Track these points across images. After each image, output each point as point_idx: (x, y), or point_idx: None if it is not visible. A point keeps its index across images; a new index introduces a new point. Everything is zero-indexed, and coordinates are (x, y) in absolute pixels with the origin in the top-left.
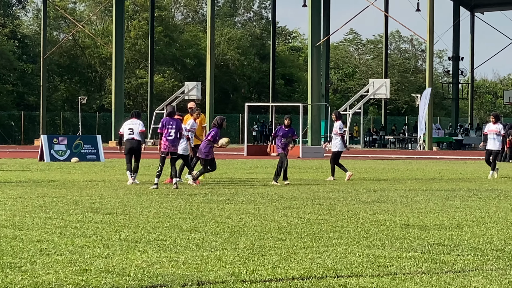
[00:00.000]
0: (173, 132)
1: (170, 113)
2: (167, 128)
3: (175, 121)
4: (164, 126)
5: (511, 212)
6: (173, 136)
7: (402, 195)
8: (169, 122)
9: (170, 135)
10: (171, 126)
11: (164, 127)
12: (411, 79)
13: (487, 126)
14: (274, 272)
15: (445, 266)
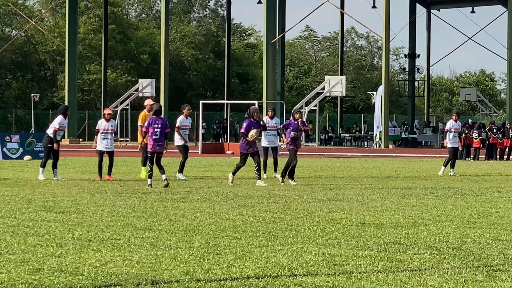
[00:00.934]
0: (158, 132)
1: (156, 112)
2: (153, 127)
3: (160, 120)
4: (150, 125)
5: (467, 210)
6: (158, 136)
7: (358, 193)
8: (155, 121)
9: (155, 134)
10: (156, 125)
11: (149, 126)
12: (367, 76)
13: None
14: (229, 271)
15: (401, 264)
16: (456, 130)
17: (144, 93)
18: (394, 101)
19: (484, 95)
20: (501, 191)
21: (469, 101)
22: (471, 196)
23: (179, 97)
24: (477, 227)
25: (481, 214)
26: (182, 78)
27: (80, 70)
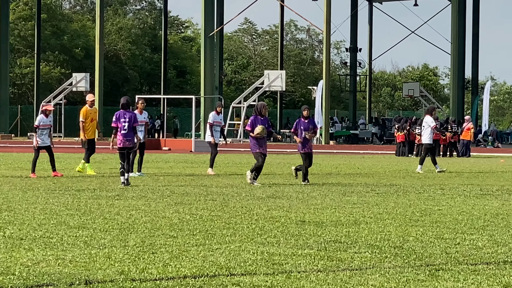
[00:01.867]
0: (126, 126)
1: (123, 105)
2: (121, 121)
3: (128, 113)
4: (117, 119)
5: (409, 208)
6: (127, 130)
7: (298, 191)
8: (122, 115)
9: (124, 129)
10: (124, 120)
11: (117, 121)
12: (308, 70)
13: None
14: (165, 271)
15: (341, 263)
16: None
17: (78, 87)
18: (335, 96)
19: (427, 90)
20: (444, 188)
21: (412, 96)
22: (413, 193)
23: (114, 92)
24: (420, 225)
25: (423, 212)
26: (118, 72)
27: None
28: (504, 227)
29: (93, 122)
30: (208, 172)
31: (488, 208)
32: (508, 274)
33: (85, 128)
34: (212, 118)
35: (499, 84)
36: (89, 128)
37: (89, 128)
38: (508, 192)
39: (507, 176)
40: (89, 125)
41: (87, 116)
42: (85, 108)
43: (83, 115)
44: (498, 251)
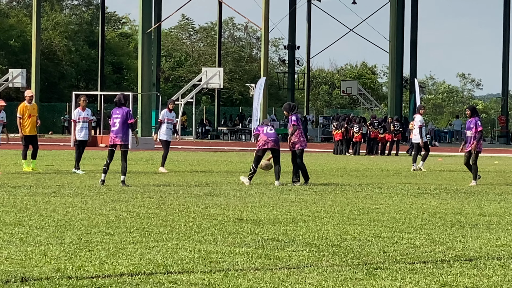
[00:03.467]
0: (117, 122)
1: (115, 102)
2: (112, 118)
3: (121, 110)
4: (110, 116)
5: (347, 207)
6: (117, 127)
7: (235, 189)
8: (115, 112)
9: (114, 125)
10: (116, 116)
11: (110, 117)
12: (246, 68)
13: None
14: (101, 268)
15: (279, 262)
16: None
17: (14, 83)
18: (273, 94)
19: (365, 88)
20: (382, 187)
21: (350, 94)
22: (351, 192)
23: (51, 88)
24: (357, 223)
25: (361, 210)
26: (54, 68)
27: None
28: (441, 226)
29: (31, 118)
30: (160, 171)
31: (426, 207)
32: (445, 273)
33: (23, 124)
34: (163, 115)
35: (438, 83)
36: (28, 125)
37: (28, 125)
38: (445, 191)
39: (444, 175)
40: (27, 122)
41: (24, 112)
42: (23, 104)
43: (20, 111)
44: (435, 250)
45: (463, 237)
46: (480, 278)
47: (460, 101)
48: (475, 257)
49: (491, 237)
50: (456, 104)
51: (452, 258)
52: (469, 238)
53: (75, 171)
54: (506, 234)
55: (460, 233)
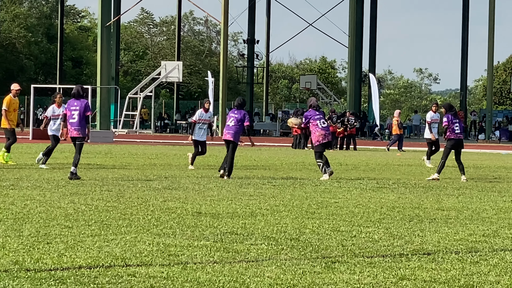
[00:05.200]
0: (76, 115)
1: (73, 94)
2: (70, 110)
3: (79, 102)
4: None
5: (306, 201)
6: (75, 119)
7: (194, 182)
8: (72, 104)
9: (72, 117)
10: (74, 108)
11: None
12: (205, 62)
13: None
14: (60, 261)
15: (238, 255)
16: (435, 121)
17: None
18: (232, 88)
19: (325, 83)
20: (340, 181)
21: (309, 89)
22: (310, 186)
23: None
24: (316, 217)
25: (320, 204)
26: (13, 61)
27: None
28: (400, 220)
29: (15, 112)
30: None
31: (384, 201)
32: (403, 266)
33: (9, 118)
34: (198, 116)
35: (396, 78)
36: (13, 118)
37: (13, 118)
38: (404, 185)
39: (403, 169)
40: (12, 115)
41: (10, 106)
42: (9, 97)
43: (6, 104)
44: (394, 244)
45: (421, 231)
46: (438, 271)
47: (418, 96)
48: (433, 251)
49: (449, 231)
50: (414, 99)
51: (410, 252)
52: (427, 232)
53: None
54: (464, 228)
55: (419, 227)
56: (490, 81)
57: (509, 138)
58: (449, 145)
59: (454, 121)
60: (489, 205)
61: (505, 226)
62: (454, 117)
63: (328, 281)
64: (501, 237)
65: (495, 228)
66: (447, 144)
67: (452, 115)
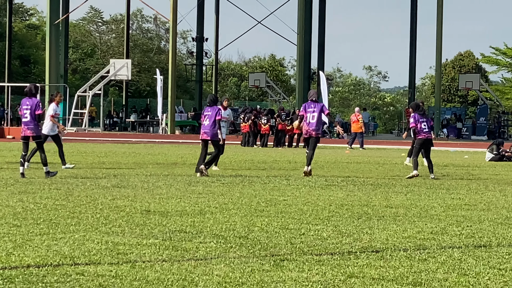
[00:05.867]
0: (28, 114)
1: (26, 92)
2: (22, 109)
3: (31, 101)
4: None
5: (255, 198)
6: (28, 118)
7: (143, 180)
8: (24, 103)
9: (25, 117)
10: (26, 107)
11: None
12: (154, 59)
13: None
14: (8, 260)
15: (186, 253)
16: None
17: None
18: (181, 86)
19: (274, 80)
20: (289, 179)
21: (258, 86)
22: (259, 183)
23: None
24: (265, 215)
25: (269, 202)
26: None
27: None
28: (348, 217)
29: None
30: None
31: (333, 198)
32: (352, 264)
33: None
34: None
35: (345, 75)
36: None
37: None
38: (353, 183)
39: (351, 167)
40: None
41: None
42: None
43: None
44: (342, 242)
45: (370, 229)
46: (386, 269)
47: (367, 94)
48: (381, 248)
49: (397, 228)
50: (363, 97)
51: (358, 249)
52: (376, 229)
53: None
54: (412, 225)
55: (367, 224)
56: (438, 79)
57: (458, 136)
58: (418, 144)
59: (421, 120)
60: (437, 203)
61: (453, 224)
62: (421, 116)
63: (277, 279)
64: (449, 235)
65: (443, 225)
66: (416, 143)
67: (419, 115)
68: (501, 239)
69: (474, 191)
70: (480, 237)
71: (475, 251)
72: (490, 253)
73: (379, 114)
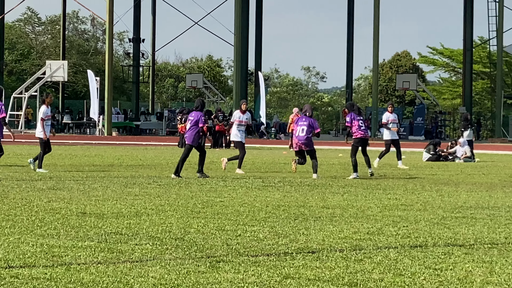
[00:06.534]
0: None
1: None
2: None
3: None
4: None
5: (191, 200)
6: None
7: (79, 182)
8: None
9: None
10: None
11: None
12: (91, 61)
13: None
14: None
15: (122, 255)
16: (393, 121)
17: None
18: (118, 87)
19: (211, 81)
20: (226, 180)
21: (195, 87)
22: (195, 185)
23: None
24: (201, 217)
25: (205, 203)
26: None
27: None
28: (285, 218)
29: None
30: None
31: (269, 199)
32: (288, 265)
33: None
34: (234, 117)
35: (282, 76)
36: None
37: None
38: (289, 183)
39: (288, 168)
40: None
41: None
42: None
43: None
44: (278, 243)
45: (306, 230)
46: (322, 270)
47: (305, 94)
48: (317, 249)
49: (334, 229)
50: (301, 97)
51: (295, 250)
52: (312, 230)
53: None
54: (348, 226)
55: (304, 225)
56: (376, 79)
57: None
58: (355, 142)
59: (358, 118)
60: (374, 203)
61: (390, 224)
62: (358, 115)
63: (213, 280)
64: (385, 235)
65: (380, 225)
66: (354, 142)
67: (355, 113)
68: (437, 239)
69: (410, 191)
70: (416, 237)
71: (411, 251)
72: (426, 253)
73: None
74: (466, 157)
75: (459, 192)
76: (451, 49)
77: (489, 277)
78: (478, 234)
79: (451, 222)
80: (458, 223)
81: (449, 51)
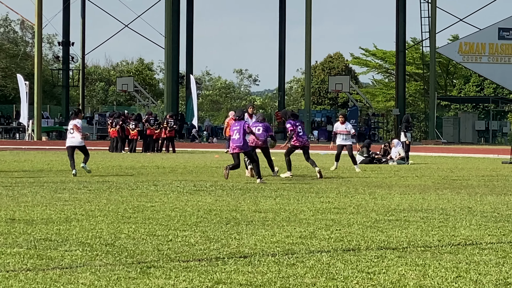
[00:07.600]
0: None
1: None
2: None
3: None
4: None
5: (122, 205)
6: None
7: (8, 188)
8: None
9: None
10: None
11: None
12: (21, 65)
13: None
14: None
15: (51, 262)
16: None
17: None
18: (48, 91)
19: (142, 85)
20: (157, 184)
21: (126, 91)
22: (126, 190)
23: None
24: (132, 222)
25: (136, 208)
26: None
27: None
28: (217, 223)
29: None
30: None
31: (201, 204)
32: (220, 270)
33: None
34: None
35: (214, 79)
36: None
37: None
38: (221, 188)
39: (220, 171)
40: None
41: None
42: None
43: None
44: (210, 248)
45: (238, 234)
46: (254, 275)
47: (238, 97)
48: (249, 254)
49: (266, 233)
50: (233, 100)
51: (226, 255)
52: (244, 235)
53: None
54: (281, 230)
55: (235, 230)
56: (308, 81)
57: (328, 138)
58: (293, 147)
59: (298, 124)
60: (306, 206)
61: (322, 227)
62: (296, 120)
63: (143, 286)
64: (318, 239)
65: (312, 229)
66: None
67: (293, 120)
68: (370, 242)
69: (343, 194)
70: (349, 240)
71: (343, 255)
72: (359, 256)
73: None
74: (400, 158)
75: (392, 194)
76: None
77: (422, 280)
78: (411, 237)
79: (384, 225)
80: (391, 226)
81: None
